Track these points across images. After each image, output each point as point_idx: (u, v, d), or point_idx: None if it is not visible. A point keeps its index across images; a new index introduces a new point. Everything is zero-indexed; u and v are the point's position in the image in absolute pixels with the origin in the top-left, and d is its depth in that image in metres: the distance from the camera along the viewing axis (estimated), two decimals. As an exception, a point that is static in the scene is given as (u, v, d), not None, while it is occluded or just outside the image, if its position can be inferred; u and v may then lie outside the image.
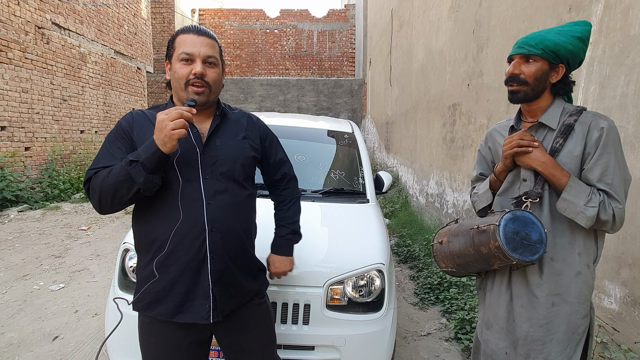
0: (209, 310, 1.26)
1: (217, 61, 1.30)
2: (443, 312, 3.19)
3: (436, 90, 5.54)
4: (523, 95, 1.34)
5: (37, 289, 3.52)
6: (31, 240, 4.99)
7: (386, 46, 9.64)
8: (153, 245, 1.26)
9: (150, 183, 1.16)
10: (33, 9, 7.20)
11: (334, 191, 2.57)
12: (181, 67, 1.25)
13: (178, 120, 1.12)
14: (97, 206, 1.21)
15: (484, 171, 1.58)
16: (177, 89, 1.28)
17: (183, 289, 1.25)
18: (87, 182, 1.23)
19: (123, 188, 1.15)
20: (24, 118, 7.10)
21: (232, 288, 1.31)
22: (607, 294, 2.23)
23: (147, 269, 1.27)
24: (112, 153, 1.25)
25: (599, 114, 1.32)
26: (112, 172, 1.17)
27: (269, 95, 14.63)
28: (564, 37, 1.29)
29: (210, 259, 1.25)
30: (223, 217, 1.27)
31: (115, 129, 1.30)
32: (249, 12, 16.99)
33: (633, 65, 2.06)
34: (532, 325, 1.32)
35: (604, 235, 1.35)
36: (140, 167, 1.13)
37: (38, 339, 2.70)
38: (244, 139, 1.39)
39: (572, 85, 1.39)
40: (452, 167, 4.86)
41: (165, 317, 1.26)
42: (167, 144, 1.13)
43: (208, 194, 1.26)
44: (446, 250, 1.46)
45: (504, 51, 3.49)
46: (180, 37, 1.28)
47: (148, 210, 1.27)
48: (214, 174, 1.28)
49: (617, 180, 1.25)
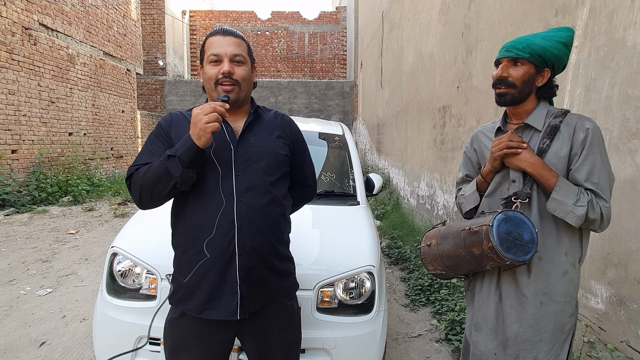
0: (237, 306, 1.27)
1: (244, 59, 1.33)
2: (434, 314, 3.21)
3: (426, 93, 5.59)
4: (510, 98, 1.37)
5: (24, 294, 3.46)
6: (18, 244, 4.91)
7: (377, 48, 9.70)
8: (197, 233, 1.27)
9: (186, 177, 1.21)
10: (20, 10, 7.10)
11: (324, 193, 2.57)
12: (210, 68, 1.30)
13: (211, 114, 1.18)
14: (138, 201, 1.28)
15: (470, 173, 1.60)
16: (209, 89, 1.33)
17: (210, 285, 1.27)
18: (128, 178, 1.29)
19: (162, 182, 1.21)
20: (11, 120, 6.99)
21: (260, 286, 1.32)
22: (594, 294, 2.26)
23: (189, 255, 1.29)
24: (152, 151, 1.31)
25: (582, 115, 1.35)
26: (151, 167, 1.23)
27: (260, 97, 14.59)
28: (549, 42, 1.32)
29: (239, 256, 1.27)
30: (252, 214, 1.29)
31: (155, 129, 1.38)
32: (240, 14, 16.95)
33: (617, 69, 2.10)
34: (522, 325, 1.34)
35: (588, 235, 1.38)
36: (177, 162, 1.19)
37: (25, 344, 2.65)
38: (278, 138, 1.41)
39: (555, 89, 1.42)
40: (442, 169, 4.89)
41: (194, 313, 1.28)
42: (201, 138, 1.18)
43: (239, 190, 1.28)
44: (435, 253, 1.46)
45: (493, 54, 3.53)
46: (209, 40, 1.33)
47: (190, 202, 1.30)
48: (247, 171, 1.31)
49: (603, 179, 1.28)
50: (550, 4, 2.70)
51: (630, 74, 2.02)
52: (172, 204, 1.38)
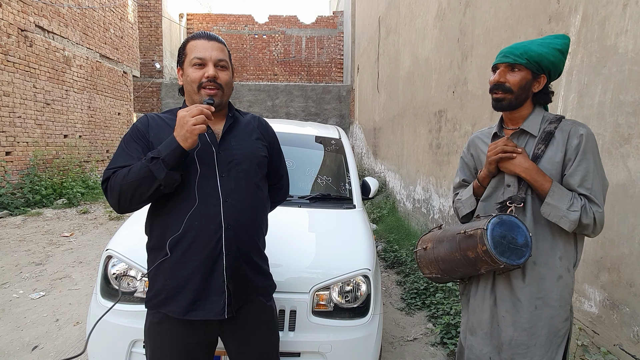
0: (224, 306, 1.28)
1: (227, 64, 1.35)
2: (429, 317, 3.21)
3: (422, 97, 5.62)
4: (507, 103, 1.38)
5: (17, 297, 3.43)
6: (11, 247, 4.86)
7: (374, 53, 9.75)
8: (169, 233, 1.27)
9: (171, 179, 1.20)
10: (16, 11, 7.07)
11: (320, 197, 2.57)
12: (194, 71, 1.30)
13: (199, 116, 1.18)
14: (116, 204, 1.25)
15: (467, 178, 1.61)
16: (191, 92, 1.33)
17: (196, 286, 1.27)
18: (105, 181, 1.27)
19: (144, 185, 1.20)
20: (5, 122, 6.94)
21: (243, 284, 1.34)
22: (587, 298, 2.28)
23: (168, 263, 1.27)
24: (128, 153, 1.29)
25: (577, 121, 1.37)
26: (132, 170, 1.21)
27: (257, 101, 14.61)
28: (546, 48, 1.34)
29: (226, 256, 1.28)
30: (238, 215, 1.31)
31: (130, 131, 1.35)
32: (237, 18, 16.99)
33: (610, 75, 2.13)
34: (516, 329, 1.34)
35: (583, 239, 1.39)
36: (161, 164, 1.17)
37: (17, 349, 2.63)
38: (257, 140, 1.45)
39: (551, 96, 1.44)
40: (438, 173, 4.92)
41: (178, 314, 1.27)
42: (188, 140, 1.18)
43: (225, 192, 1.30)
44: (431, 256, 1.47)
45: (488, 59, 3.56)
46: (192, 43, 1.33)
47: (167, 204, 1.29)
48: (231, 173, 1.32)
49: (597, 185, 1.29)
50: (544, 10, 2.74)
51: (622, 80, 2.04)
52: (149, 208, 1.37)
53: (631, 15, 2.01)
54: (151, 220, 1.35)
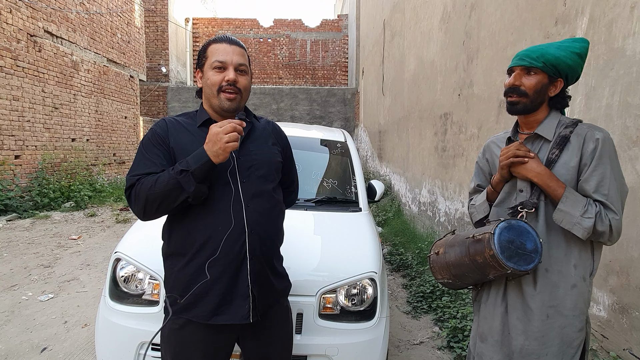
0: (249, 310, 1.29)
1: (247, 69, 1.36)
2: (435, 321, 3.20)
3: (428, 100, 5.62)
4: (522, 107, 1.34)
5: (26, 299, 3.46)
6: (20, 249, 4.92)
7: (378, 56, 9.76)
8: (197, 247, 1.27)
9: (200, 192, 1.21)
10: (25, 17, 7.18)
11: (326, 200, 2.58)
12: (214, 74, 1.30)
13: (232, 134, 1.18)
14: (141, 213, 1.25)
15: (482, 183, 1.59)
16: (209, 95, 1.33)
17: (221, 291, 1.28)
18: (129, 188, 1.26)
19: (171, 196, 1.20)
20: (14, 126, 7.04)
21: (266, 288, 1.35)
22: (596, 302, 2.26)
23: (190, 270, 1.28)
24: (150, 159, 1.28)
25: (594, 125, 1.32)
26: (159, 180, 1.20)
27: (262, 104, 14.66)
28: (564, 52, 1.30)
29: (250, 260, 1.29)
30: (260, 219, 1.32)
31: (149, 136, 1.34)
32: (242, 22, 17.10)
33: (617, 77, 2.12)
34: (527, 338, 1.31)
35: (601, 247, 1.33)
36: (190, 177, 1.18)
37: (26, 350, 2.65)
38: (273, 145, 1.46)
39: (568, 100, 1.40)
40: (443, 176, 4.90)
41: (202, 319, 1.28)
42: (220, 156, 1.19)
43: (246, 197, 1.30)
44: (442, 261, 1.45)
45: (494, 62, 3.56)
46: (213, 46, 1.33)
47: (188, 211, 1.29)
48: (251, 178, 1.33)
49: (614, 191, 1.24)
50: (550, 13, 2.73)
51: (629, 83, 2.03)
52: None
53: (639, 17, 2.00)
54: (170, 225, 1.35)
